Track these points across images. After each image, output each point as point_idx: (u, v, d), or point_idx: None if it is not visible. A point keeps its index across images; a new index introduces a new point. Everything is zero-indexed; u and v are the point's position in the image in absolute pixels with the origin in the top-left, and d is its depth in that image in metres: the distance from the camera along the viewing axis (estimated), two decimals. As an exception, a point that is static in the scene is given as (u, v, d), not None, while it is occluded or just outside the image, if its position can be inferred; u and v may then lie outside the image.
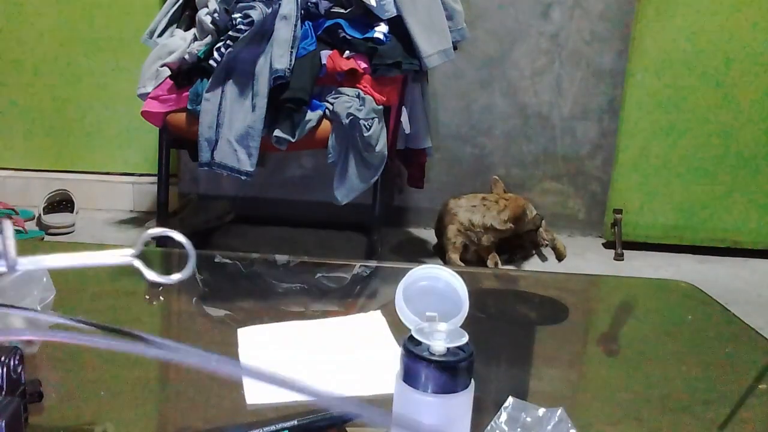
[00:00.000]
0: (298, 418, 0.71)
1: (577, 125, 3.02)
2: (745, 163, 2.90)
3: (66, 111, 3.04)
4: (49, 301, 0.82)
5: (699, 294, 1.17)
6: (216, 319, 1.01)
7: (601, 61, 2.96)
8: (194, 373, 0.86)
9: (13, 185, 3.03)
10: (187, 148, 2.54)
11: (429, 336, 0.61)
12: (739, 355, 1.01)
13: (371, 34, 2.15)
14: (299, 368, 0.85)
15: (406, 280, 0.69)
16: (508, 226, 2.61)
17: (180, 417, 0.79)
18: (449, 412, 0.61)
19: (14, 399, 0.58)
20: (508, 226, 2.61)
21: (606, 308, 1.23)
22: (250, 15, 2.08)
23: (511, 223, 2.62)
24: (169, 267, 1.28)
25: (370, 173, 2.17)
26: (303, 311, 1.04)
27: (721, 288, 2.56)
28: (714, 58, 2.82)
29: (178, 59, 2.20)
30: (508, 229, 2.62)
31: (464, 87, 2.99)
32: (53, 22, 2.95)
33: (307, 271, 1.20)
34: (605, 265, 2.81)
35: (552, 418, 0.66)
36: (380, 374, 0.83)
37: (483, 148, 3.05)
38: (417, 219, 3.08)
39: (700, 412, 0.85)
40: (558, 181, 3.08)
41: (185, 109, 2.15)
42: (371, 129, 2.10)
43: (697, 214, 2.95)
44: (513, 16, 2.93)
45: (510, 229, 2.63)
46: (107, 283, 1.11)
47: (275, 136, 2.07)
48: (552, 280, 1.29)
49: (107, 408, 0.76)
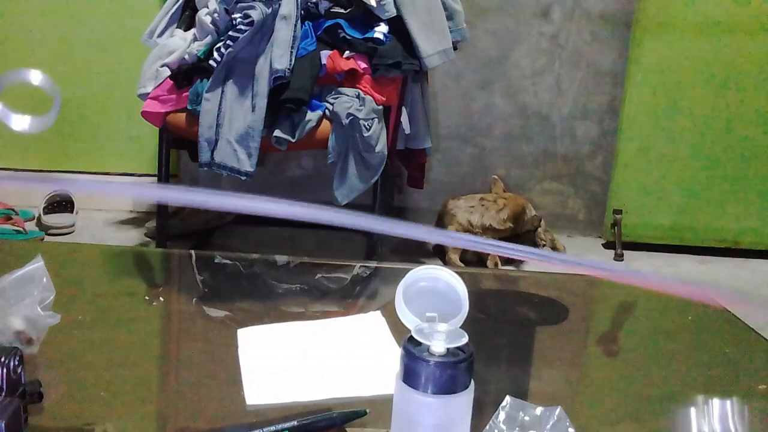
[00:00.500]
0: (298, 418, 0.71)
1: (577, 125, 3.02)
2: (745, 164, 2.90)
3: (66, 111, 3.02)
4: (49, 301, 0.82)
5: (699, 294, 1.16)
6: (216, 320, 1.01)
7: (601, 61, 2.96)
8: (194, 373, 0.86)
9: (13, 185, 3.03)
10: (187, 148, 2.54)
11: (429, 336, 0.61)
12: (739, 355, 1.01)
13: (371, 34, 2.15)
14: (299, 369, 0.85)
15: (406, 281, 0.69)
16: (507, 225, 2.61)
17: (180, 417, 0.79)
18: (449, 412, 0.61)
19: (14, 399, 0.58)
20: (507, 225, 2.61)
21: (606, 308, 1.23)
22: (250, 15, 2.08)
23: (510, 223, 2.62)
24: (169, 267, 1.28)
25: (370, 173, 2.17)
26: (303, 312, 1.04)
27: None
28: (714, 58, 2.82)
29: (178, 59, 2.20)
30: (507, 228, 2.62)
31: (464, 87, 2.99)
32: (53, 21, 2.95)
33: (307, 271, 1.20)
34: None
35: (550, 417, 0.66)
36: (380, 375, 0.83)
37: (483, 148, 3.05)
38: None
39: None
40: (558, 181, 3.08)
41: (185, 109, 2.15)
42: (371, 129, 2.10)
43: (697, 214, 2.95)
44: (513, 16, 2.93)
45: (509, 229, 2.63)
46: (107, 283, 1.11)
47: (275, 136, 2.07)
48: (552, 281, 1.29)
49: (107, 408, 0.76)
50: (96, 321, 0.96)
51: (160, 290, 1.14)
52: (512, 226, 2.62)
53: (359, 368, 0.86)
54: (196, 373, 0.86)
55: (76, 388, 0.80)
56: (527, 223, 2.65)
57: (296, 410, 0.75)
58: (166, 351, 0.96)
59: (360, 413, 0.73)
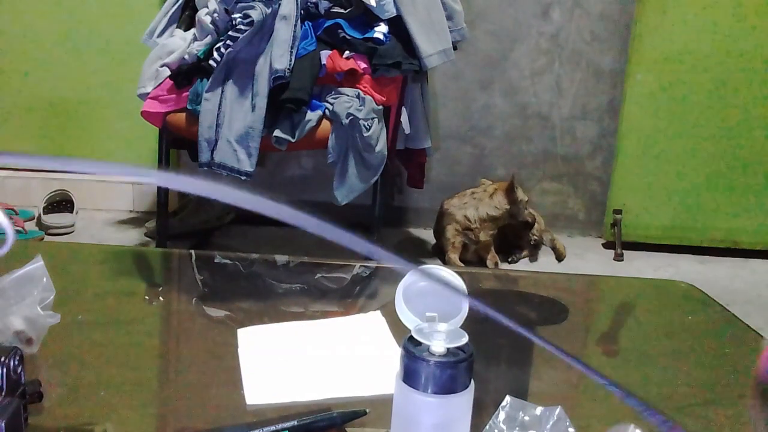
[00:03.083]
0: (298, 418, 0.71)
1: (577, 125, 3.02)
2: (744, 163, 2.90)
3: (66, 111, 3.03)
4: (49, 301, 0.82)
5: (699, 294, 1.17)
6: (216, 320, 1.01)
7: (601, 61, 2.96)
8: (194, 373, 0.86)
9: (13, 185, 3.03)
10: (187, 148, 2.54)
11: (429, 336, 0.61)
12: (739, 355, 1.01)
13: (371, 34, 2.15)
14: (299, 369, 0.85)
15: (406, 281, 0.69)
16: (504, 207, 2.61)
17: (180, 417, 0.79)
18: (449, 412, 0.61)
19: (14, 399, 0.58)
20: (504, 207, 2.61)
21: (606, 308, 1.23)
22: (250, 15, 2.08)
23: (506, 204, 2.61)
24: (169, 267, 1.28)
25: (370, 173, 2.17)
26: (303, 312, 1.04)
27: (721, 288, 2.56)
28: (714, 58, 2.82)
29: (178, 59, 2.20)
30: (505, 212, 2.62)
31: (464, 87, 2.99)
32: (53, 21, 2.95)
33: (306, 271, 1.20)
34: (605, 266, 2.81)
35: (550, 416, 0.66)
36: (380, 374, 0.83)
37: (483, 148, 3.05)
38: (417, 219, 3.08)
39: (700, 412, 0.85)
40: (558, 181, 3.08)
41: (185, 109, 2.15)
42: (371, 129, 2.10)
43: (697, 214, 2.95)
44: (513, 16, 2.93)
45: (506, 212, 2.62)
46: (107, 283, 1.11)
47: (275, 136, 2.07)
48: (552, 281, 1.29)
49: (107, 408, 0.76)
50: (96, 321, 0.96)
51: (160, 290, 1.14)
52: (508, 208, 2.61)
53: (359, 368, 0.86)
54: (196, 373, 0.86)
55: (76, 388, 0.80)
56: (521, 203, 2.63)
57: (296, 410, 0.75)
58: (166, 351, 0.96)
59: (360, 413, 0.73)
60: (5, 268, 0.82)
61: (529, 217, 2.67)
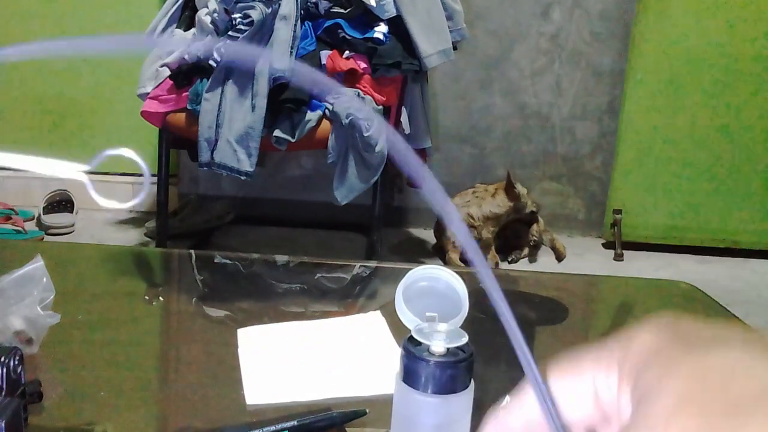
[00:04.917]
0: (298, 418, 0.71)
1: (576, 125, 3.02)
2: (744, 163, 2.90)
3: (65, 111, 3.03)
4: (49, 301, 0.82)
5: (699, 294, 1.16)
6: (216, 320, 1.01)
7: (601, 61, 2.96)
8: (194, 373, 0.86)
9: (13, 185, 3.03)
10: (187, 148, 2.55)
11: (429, 336, 0.60)
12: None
13: (371, 34, 2.15)
14: (299, 369, 0.85)
15: (406, 281, 0.69)
16: (507, 205, 2.62)
17: (180, 417, 0.79)
18: (449, 412, 0.61)
19: (14, 399, 0.58)
20: (507, 205, 2.62)
21: (606, 308, 1.23)
22: (250, 15, 2.08)
23: (509, 203, 2.62)
24: (169, 267, 1.28)
25: (370, 173, 2.17)
26: (303, 312, 1.04)
27: (721, 288, 2.56)
28: (713, 58, 2.82)
29: (178, 59, 2.20)
30: (508, 209, 2.63)
31: (464, 87, 2.99)
32: (52, 21, 2.95)
33: (306, 271, 1.20)
34: (605, 266, 2.81)
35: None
36: (380, 374, 0.83)
37: (482, 148, 3.05)
38: (417, 219, 3.08)
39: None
40: (558, 182, 3.08)
41: (185, 109, 2.16)
42: (371, 129, 2.10)
43: (697, 214, 2.95)
44: (513, 16, 2.93)
45: (510, 209, 2.63)
46: (107, 283, 1.11)
47: (275, 136, 2.07)
48: (552, 280, 1.29)
49: (107, 408, 0.76)
50: (96, 321, 0.96)
51: (160, 290, 1.14)
52: (511, 205, 2.62)
53: (359, 368, 0.86)
54: (196, 373, 0.86)
55: (76, 388, 0.80)
56: (522, 196, 2.64)
57: (296, 410, 0.75)
58: (166, 351, 0.96)
59: (360, 413, 0.73)
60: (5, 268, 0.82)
61: (534, 206, 2.68)
